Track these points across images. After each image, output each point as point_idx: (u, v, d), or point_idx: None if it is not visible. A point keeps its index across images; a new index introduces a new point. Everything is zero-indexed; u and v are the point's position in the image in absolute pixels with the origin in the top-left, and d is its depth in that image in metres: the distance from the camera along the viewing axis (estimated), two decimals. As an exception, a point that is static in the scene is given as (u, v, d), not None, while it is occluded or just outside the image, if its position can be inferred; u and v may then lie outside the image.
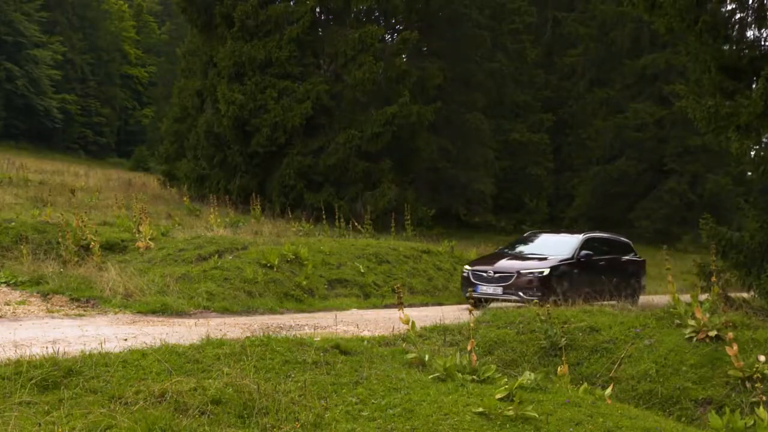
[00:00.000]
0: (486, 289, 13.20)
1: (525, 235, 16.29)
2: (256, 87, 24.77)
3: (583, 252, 13.85)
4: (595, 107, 37.07)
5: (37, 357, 5.74)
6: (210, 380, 5.61)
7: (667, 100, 33.67)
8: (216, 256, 13.25)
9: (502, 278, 13.14)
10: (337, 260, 14.86)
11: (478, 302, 12.81)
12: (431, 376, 6.60)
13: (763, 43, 12.12)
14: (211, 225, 17.20)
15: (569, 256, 13.71)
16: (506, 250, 15.00)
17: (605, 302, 12.27)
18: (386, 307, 13.15)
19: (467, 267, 14.00)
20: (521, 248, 14.88)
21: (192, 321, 9.88)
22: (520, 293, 12.82)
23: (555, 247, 14.20)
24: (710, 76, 11.75)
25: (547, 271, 13.06)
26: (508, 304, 12.96)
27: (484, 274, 13.40)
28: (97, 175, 31.58)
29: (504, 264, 13.61)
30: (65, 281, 11.61)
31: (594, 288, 13.10)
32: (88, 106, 60.11)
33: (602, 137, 35.84)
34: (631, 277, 14.84)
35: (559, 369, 7.40)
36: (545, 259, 13.54)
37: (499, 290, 13.09)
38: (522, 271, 13.10)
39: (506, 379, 6.55)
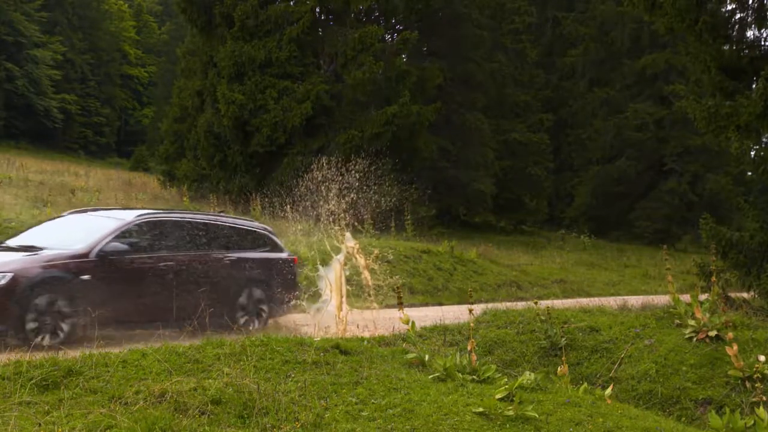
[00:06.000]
0: None
1: (66, 213, 10.13)
2: (256, 87, 24.78)
3: (114, 245, 8.38)
4: (595, 107, 37.14)
5: (37, 357, 5.75)
6: (210, 380, 5.61)
7: (667, 100, 33.74)
8: (216, 256, 13.20)
9: None
10: (337, 260, 14.83)
11: None
12: (431, 376, 6.60)
13: (763, 43, 12.13)
14: (211, 225, 17.15)
15: (81, 252, 8.17)
16: (10, 240, 9.34)
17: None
18: (386, 307, 13.13)
19: None
20: (30, 234, 9.26)
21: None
22: None
23: (71, 234, 8.70)
24: (710, 76, 11.75)
25: (4, 280, 7.61)
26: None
27: None
28: (97, 175, 31.52)
29: None
30: (65, 281, 11.58)
31: (139, 309, 8.26)
32: (88, 106, 60.09)
33: (602, 137, 35.90)
34: (244, 289, 9.51)
35: (559, 369, 7.41)
36: (33, 254, 8.19)
37: None
38: None
39: (506, 379, 6.55)
